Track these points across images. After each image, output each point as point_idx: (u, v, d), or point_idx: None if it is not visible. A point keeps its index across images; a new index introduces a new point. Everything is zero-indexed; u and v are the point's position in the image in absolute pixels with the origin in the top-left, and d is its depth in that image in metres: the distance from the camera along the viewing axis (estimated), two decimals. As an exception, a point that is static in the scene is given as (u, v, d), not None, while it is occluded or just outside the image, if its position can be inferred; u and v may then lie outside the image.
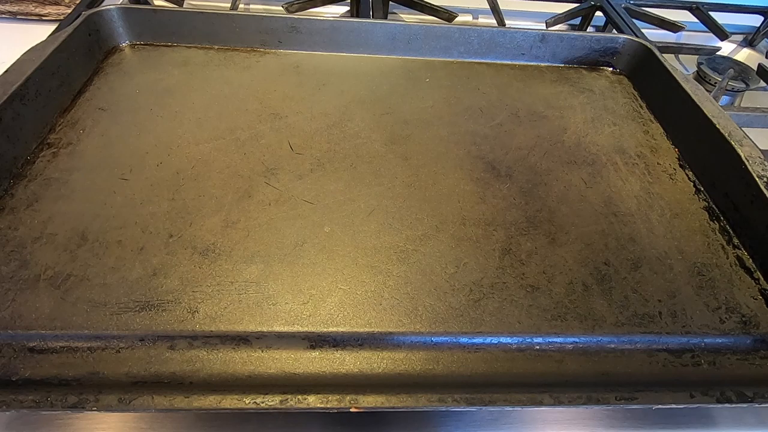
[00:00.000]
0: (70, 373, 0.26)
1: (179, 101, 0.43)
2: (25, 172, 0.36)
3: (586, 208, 0.38)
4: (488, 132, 0.44)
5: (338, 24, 0.50)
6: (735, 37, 0.70)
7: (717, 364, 0.29)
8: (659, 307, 0.31)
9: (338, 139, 0.41)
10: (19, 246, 0.31)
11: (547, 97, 0.49)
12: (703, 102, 0.43)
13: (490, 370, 0.28)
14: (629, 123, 0.47)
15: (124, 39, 0.49)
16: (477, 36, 0.52)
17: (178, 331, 0.28)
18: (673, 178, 0.41)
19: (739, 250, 0.36)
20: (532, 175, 0.40)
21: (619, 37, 0.53)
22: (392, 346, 0.28)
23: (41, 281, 0.29)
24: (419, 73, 0.50)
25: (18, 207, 0.33)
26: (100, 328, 0.27)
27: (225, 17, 0.49)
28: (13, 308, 0.28)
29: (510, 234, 0.35)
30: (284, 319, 0.29)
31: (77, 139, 0.39)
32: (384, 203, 0.36)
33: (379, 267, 0.32)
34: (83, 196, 0.34)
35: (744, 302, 0.32)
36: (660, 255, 0.35)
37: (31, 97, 0.38)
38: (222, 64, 0.48)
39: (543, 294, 0.31)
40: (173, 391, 0.24)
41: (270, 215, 0.34)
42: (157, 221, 0.33)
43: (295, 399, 0.24)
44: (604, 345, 0.30)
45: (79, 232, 0.32)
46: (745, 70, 0.60)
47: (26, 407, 0.23)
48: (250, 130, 0.41)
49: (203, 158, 0.38)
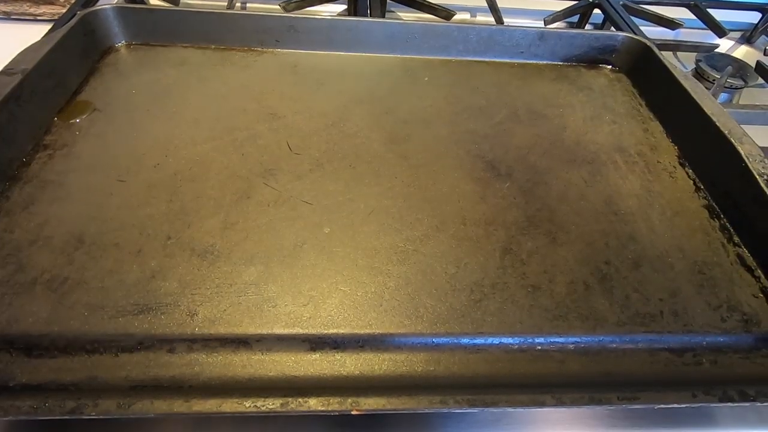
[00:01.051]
0: (68, 377, 0.25)
1: (176, 102, 0.43)
2: (21, 175, 0.35)
3: (587, 207, 0.37)
4: (488, 131, 0.44)
5: (336, 23, 0.50)
6: (733, 34, 0.70)
7: (719, 362, 0.29)
8: (660, 306, 0.31)
9: (337, 139, 0.41)
10: (15, 249, 0.30)
11: (547, 96, 0.49)
12: (703, 99, 0.43)
13: (491, 371, 0.28)
14: (629, 121, 0.47)
15: (120, 39, 0.49)
16: (476, 34, 0.51)
17: (177, 335, 0.27)
18: (673, 177, 0.41)
19: (740, 248, 0.36)
20: (532, 174, 0.40)
21: (617, 35, 0.53)
22: (393, 347, 0.28)
23: (38, 285, 0.29)
24: (418, 72, 0.50)
25: (14, 210, 0.33)
26: (98, 331, 0.27)
27: (222, 17, 0.49)
28: (9, 312, 0.27)
29: (510, 234, 0.35)
30: (284, 321, 0.28)
31: (73, 140, 0.38)
32: (384, 203, 0.36)
33: (380, 268, 0.32)
34: (80, 198, 0.34)
35: (745, 300, 0.32)
36: (661, 254, 0.35)
37: (26, 98, 0.37)
38: (219, 63, 0.48)
39: (544, 294, 0.31)
40: (173, 395, 0.24)
41: (269, 216, 0.34)
42: (154, 223, 0.33)
43: (295, 402, 0.23)
44: (606, 345, 0.29)
45: (75, 234, 0.32)
46: (744, 67, 0.59)
47: (24, 413, 0.22)
48: (248, 131, 0.41)
49: (201, 159, 0.38)
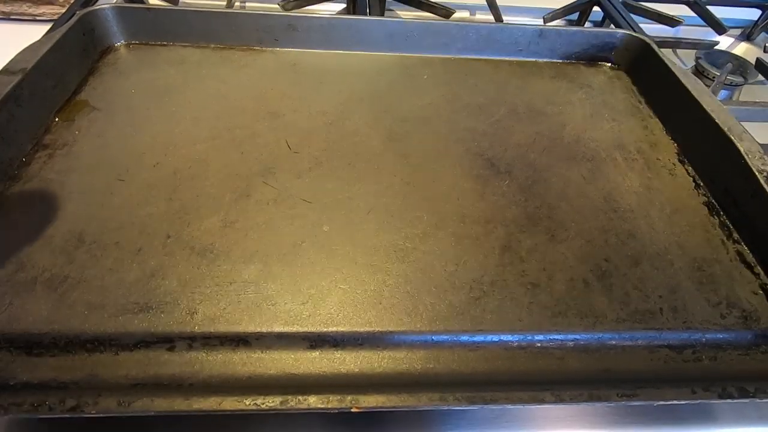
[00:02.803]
0: (68, 376, 0.25)
1: (175, 101, 0.43)
2: (21, 174, 0.35)
3: (586, 204, 0.37)
4: (487, 129, 0.44)
5: (335, 21, 0.50)
6: (733, 31, 0.70)
7: (718, 359, 0.29)
8: (660, 303, 0.31)
9: (336, 138, 0.41)
10: (16, 248, 0.31)
11: (546, 93, 0.49)
12: (702, 96, 0.42)
13: (491, 368, 0.28)
14: (628, 118, 0.47)
15: (119, 38, 0.49)
16: (475, 32, 0.51)
17: (176, 333, 0.27)
18: (673, 174, 0.41)
19: (740, 245, 0.36)
20: (532, 172, 0.40)
21: (617, 32, 0.53)
22: (392, 345, 0.28)
23: (38, 283, 0.29)
24: (417, 70, 0.50)
25: (14, 209, 0.33)
26: (98, 330, 0.27)
27: (221, 15, 0.49)
28: (10, 311, 0.27)
29: (510, 231, 0.35)
30: (284, 320, 0.28)
31: (73, 140, 0.38)
32: (383, 201, 0.36)
33: (379, 266, 0.32)
34: (80, 197, 0.34)
35: (745, 297, 0.32)
36: (660, 251, 0.34)
37: (26, 97, 0.37)
38: (218, 62, 0.48)
39: (543, 291, 0.31)
40: (173, 393, 0.24)
41: (268, 215, 0.34)
42: (154, 222, 0.33)
43: (295, 399, 0.23)
44: (605, 342, 0.29)
45: (76, 233, 0.32)
46: (744, 65, 0.59)
47: (24, 411, 0.22)
48: (248, 129, 0.41)
49: (200, 158, 0.38)
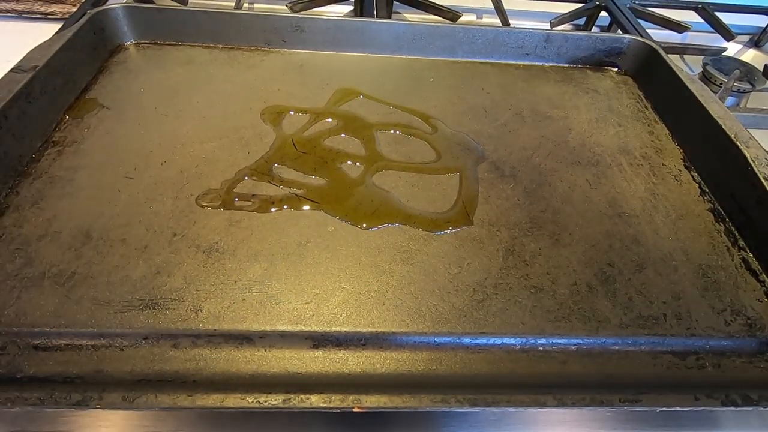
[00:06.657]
0: (74, 370, 0.26)
1: (183, 100, 0.44)
2: (30, 170, 0.36)
3: (591, 208, 0.37)
4: (492, 132, 0.44)
5: (342, 23, 0.50)
6: (741, 37, 0.70)
7: (722, 366, 0.29)
8: (664, 308, 0.31)
9: (342, 139, 0.41)
10: (24, 244, 0.31)
11: (552, 98, 0.49)
12: (709, 103, 0.42)
13: (493, 371, 0.28)
14: (634, 123, 0.47)
15: (129, 38, 0.50)
16: (481, 36, 0.51)
17: (181, 330, 0.28)
18: (678, 180, 0.41)
19: (745, 252, 0.35)
20: (537, 176, 0.40)
21: (624, 38, 0.53)
22: (395, 346, 0.28)
23: (46, 279, 0.29)
24: (423, 73, 0.50)
25: (23, 205, 0.33)
26: (104, 326, 0.27)
27: (229, 16, 0.49)
28: (17, 306, 0.28)
29: (514, 234, 0.35)
30: (287, 319, 0.29)
31: (82, 137, 0.39)
32: (387, 202, 0.36)
33: (383, 267, 0.32)
34: (88, 194, 0.34)
35: (749, 304, 0.32)
36: (665, 256, 0.34)
37: (37, 95, 0.38)
38: (226, 63, 0.49)
39: (547, 295, 0.31)
40: (177, 389, 0.24)
41: (274, 214, 0.34)
42: (161, 220, 0.33)
43: (298, 398, 0.24)
44: (608, 347, 0.29)
45: (83, 230, 0.32)
46: (751, 71, 0.59)
47: (30, 405, 0.23)
48: (254, 129, 0.41)
49: (207, 157, 0.38)
